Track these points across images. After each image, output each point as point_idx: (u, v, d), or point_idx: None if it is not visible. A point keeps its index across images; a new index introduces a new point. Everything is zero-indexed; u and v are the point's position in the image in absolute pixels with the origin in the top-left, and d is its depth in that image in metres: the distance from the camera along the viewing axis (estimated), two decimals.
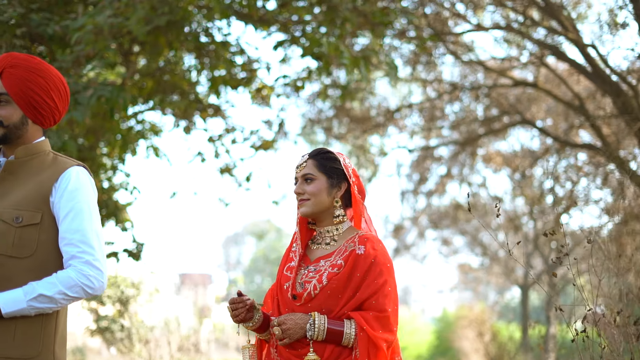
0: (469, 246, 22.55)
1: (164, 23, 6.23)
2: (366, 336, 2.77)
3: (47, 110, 2.84)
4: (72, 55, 6.35)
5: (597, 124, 9.53)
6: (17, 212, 2.69)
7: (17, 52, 6.30)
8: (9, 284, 2.65)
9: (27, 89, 2.78)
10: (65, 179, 2.76)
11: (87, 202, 2.77)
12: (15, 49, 6.22)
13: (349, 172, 3.02)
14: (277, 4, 7.16)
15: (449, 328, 22.04)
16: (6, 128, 2.77)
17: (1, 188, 2.77)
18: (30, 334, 2.66)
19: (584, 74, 9.18)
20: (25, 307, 2.61)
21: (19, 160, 2.80)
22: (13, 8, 6.15)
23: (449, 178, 16.36)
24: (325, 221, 3.03)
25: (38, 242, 2.71)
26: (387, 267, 2.88)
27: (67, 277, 2.67)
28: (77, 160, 2.88)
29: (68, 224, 2.72)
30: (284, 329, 2.81)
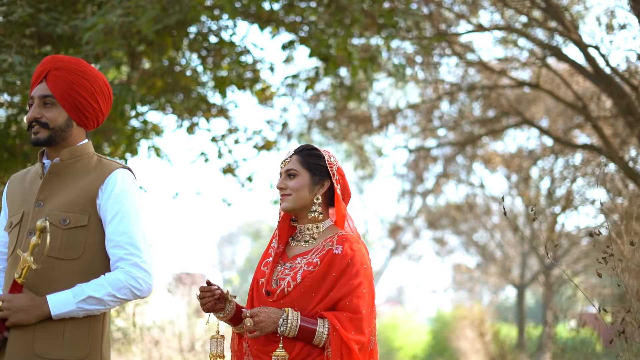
0: (464, 246, 22.60)
1: (173, 22, 6.22)
2: (339, 337, 2.74)
3: (91, 112, 2.85)
4: (81, 55, 6.34)
5: (598, 124, 9.56)
6: (64, 215, 2.70)
7: (26, 51, 6.34)
8: (56, 285, 2.65)
9: (72, 91, 2.78)
10: (112, 182, 2.77)
11: (134, 204, 2.78)
12: (25, 48, 6.21)
13: (332, 170, 3.00)
14: (284, 4, 7.16)
15: (445, 328, 22.04)
16: (51, 130, 2.77)
17: (47, 190, 2.77)
18: (78, 336, 2.67)
19: (585, 75, 9.21)
20: (74, 309, 2.62)
21: (64, 162, 2.81)
22: (22, 8, 6.13)
23: (446, 178, 16.41)
24: (305, 218, 3.00)
25: (85, 244, 2.72)
26: (364, 269, 2.85)
27: (116, 279, 2.68)
28: (122, 163, 2.90)
29: (115, 227, 2.72)
30: (257, 321, 2.78)
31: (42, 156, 2.86)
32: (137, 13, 6.02)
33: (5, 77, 5.83)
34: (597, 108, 10.36)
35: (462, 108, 12.79)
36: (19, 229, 2.75)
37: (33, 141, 2.78)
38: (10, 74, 5.84)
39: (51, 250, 2.64)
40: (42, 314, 2.60)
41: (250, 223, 39.47)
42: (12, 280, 2.68)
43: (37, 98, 2.78)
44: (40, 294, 2.64)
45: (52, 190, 2.76)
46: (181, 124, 8.81)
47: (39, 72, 2.81)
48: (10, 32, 6.22)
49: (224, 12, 6.69)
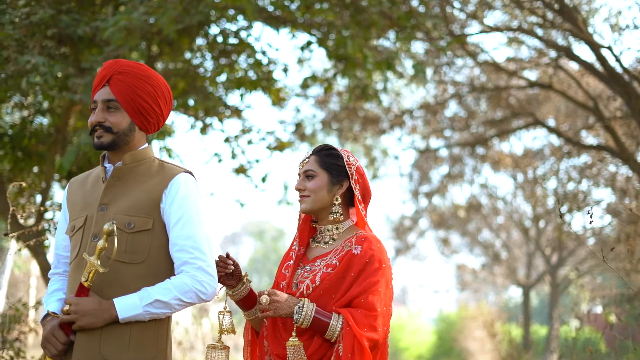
0: (468, 246, 22.58)
1: (195, 22, 6.23)
2: (351, 332, 2.72)
3: (153, 117, 2.85)
4: (102, 56, 6.36)
5: (611, 125, 9.56)
6: (129, 218, 2.71)
7: (47, 52, 6.36)
8: (121, 289, 2.66)
9: (135, 95, 2.78)
10: (175, 186, 2.77)
11: (197, 208, 2.78)
12: (46, 49, 6.23)
13: (351, 170, 2.97)
14: (301, 5, 7.17)
15: (451, 328, 22.03)
16: (115, 134, 2.77)
17: (110, 194, 2.78)
18: (144, 339, 2.68)
19: (597, 76, 9.21)
20: (140, 313, 2.63)
21: (126, 166, 2.81)
22: (44, 9, 6.15)
23: (454, 179, 16.39)
24: (325, 219, 2.99)
25: (150, 248, 2.72)
26: (382, 268, 2.83)
27: (182, 283, 2.68)
28: (183, 167, 2.89)
29: (179, 230, 2.73)
30: (272, 300, 2.78)
31: (103, 160, 2.87)
32: (159, 13, 6.04)
33: (29, 78, 5.85)
34: (608, 109, 10.36)
35: (472, 109, 12.80)
36: (83, 233, 2.75)
37: (96, 145, 2.77)
38: (33, 75, 5.85)
39: (117, 253, 2.65)
40: (109, 317, 2.61)
41: (254, 223, 39.46)
42: (77, 283, 2.69)
43: (101, 102, 2.78)
44: (105, 297, 2.65)
45: (115, 194, 2.77)
46: (194, 124, 8.82)
47: (102, 76, 2.80)
48: (31, 34, 6.24)
49: (244, 13, 6.68)
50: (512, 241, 21.20)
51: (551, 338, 17.92)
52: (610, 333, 13.29)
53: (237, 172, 9.22)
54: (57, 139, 7.61)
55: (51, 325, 2.66)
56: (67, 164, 6.55)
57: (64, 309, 2.63)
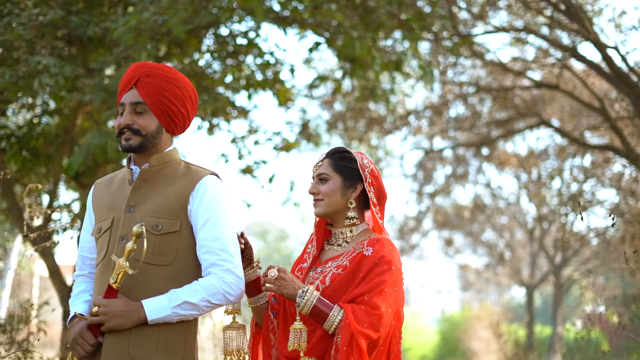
0: (471, 246, 22.58)
1: (205, 23, 6.23)
2: (349, 326, 2.69)
3: (180, 119, 2.85)
4: (112, 56, 6.36)
5: (617, 125, 9.56)
6: (157, 220, 2.71)
7: (57, 53, 6.36)
8: (149, 291, 2.67)
9: (163, 98, 2.78)
10: (202, 188, 2.77)
11: (224, 210, 2.79)
12: (56, 50, 6.24)
13: (364, 173, 2.95)
14: (310, 6, 7.17)
15: (454, 328, 22.02)
16: (143, 137, 2.77)
17: (137, 196, 2.78)
18: (172, 341, 2.68)
19: (604, 76, 9.21)
20: (169, 314, 2.64)
21: (153, 168, 2.81)
22: (54, 10, 6.15)
23: (460, 179, 16.39)
24: (339, 222, 2.98)
25: (177, 250, 2.72)
26: (392, 270, 2.80)
27: (210, 285, 2.69)
28: (209, 169, 2.89)
29: (207, 232, 2.73)
30: (280, 276, 2.78)
31: (129, 162, 2.87)
32: (169, 13, 6.04)
33: (40, 78, 5.86)
34: (614, 109, 10.36)
35: (478, 109, 12.80)
36: (110, 235, 2.75)
37: (125, 147, 2.77)
38: (44, 76, 5.86)
39: (145, 255, 2.64)
40: (138, 319, 2.61)
41: (257, 223, 39.39)
42: (105, 285, 2.69)
43: (129, 104, 2.78)
44: (133, 299, 2.65)
45: (142, 196, 2.77)
46: (201, 125, 8.82)
47: (129, 79, 2.80)
48: (41, 34, 6.24)
49: (253, 14, 6.69)
50: (515, 241, 21.19)
51: (555, 338, 17.93)
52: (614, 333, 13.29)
53: (244, 173, 9.22)
54: (65, 140, 7.62)
55: (79, 326, 2.67)
56: (75, 164, 6.56)
57: (93, 310, 2.64)
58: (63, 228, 8.08)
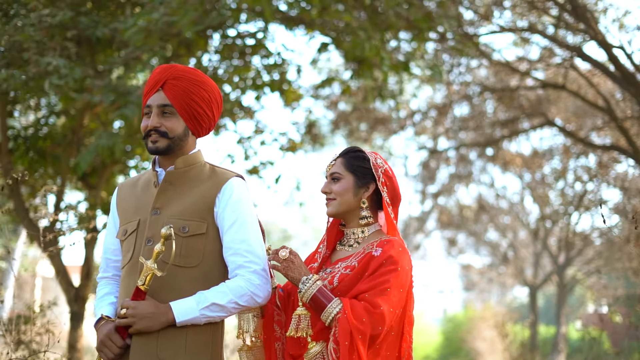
0: (474, 246, 22.57)
1: (216, 23, 6.23)
2: (346, 320, 2.66)
3: (206, 122, 2.85)
4: (122, 57, 6.36)
5: (623, 125, 9.56)
6: (183, 222, 2.70)
7: (67, 54, 6.36)
8: (176, 293, 2.67)
9: (190, 101, 2.78)
10: (228, 190, 2.77)
11: (250, 212, 2.79)
12: (66, 51, 6.23)
13: (378, 172, 2.92)
14: (318, 7, 7.16)
15: (458, 328, 22.02)
16: (171, 139, 2.77)
17: (163, 198, 2.78)
18: (200, 342, 2.68)
19: (609, 76, 9.21)
20: (197, 316, 2.63)
21: (178, 170, 2.81)
22: (63, 12, 6.15)
23: (464, 179, 16.39)
24: (352, 222, 2.96)
25: (204, 252, 2.72)
26: (397, 271, 2.75)
27: (238, 286, 2.69)
28: (235, 171, 2.89)
29: (233, 234, 2.73)
30: (290, 258, 2.78)
31: (154, 164, 2.87)
32: (179, 14, 6.04)
33: (51, 79, 5.86)
34: (619, 108, 10.36)
35: (482, 109, 12.80)
36: (136, 237, 2.75)
37: (151, 149, 2.77)
38: (55, 77, 5.86)
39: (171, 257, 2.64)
40: (166, 321, 2.61)
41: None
42: (131, 287, 2.69)
43: (156, 107, 2.77)
44: (160, 301, 2.65)
45: (168, 198, 2.77)
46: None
47: (156, 81, 2.79)
48: (50, 36, 6.24)
49: (262, 14, 6.68)
50: (518, 241, 21.18)
51: (559, 338, 17.92)
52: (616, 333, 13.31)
53: (250, 173, 9.21)
54: (72, 141, 7.62)
55: (107, 329, 2.67)
56: (84, 164, 6.56)
57: (121, 312, 2.63)
58: (70, 229, 8.10)
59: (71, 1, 6.54)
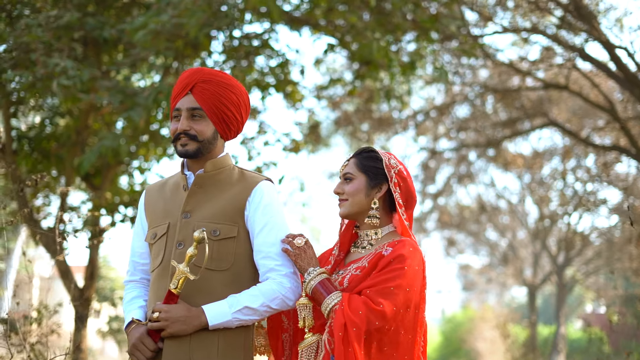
0: (473, 246, 22.59)
1: (225, 25, 6.23)
2: (341, 312, 2.63)
3: (235, 125, 2.85)
4: (129, 59, 6.36)
5: (626, 126, 9.58)
6: (214, 226, 2.70)
7: (76, 55, 6.36)
8: (208, 296, 2.66)
9: (220, 104, 2.78)
10: (259, 193, 2.77)
11: (281, 215, 2.79)
12: (73, 52, 6.22)
13: (390, 173, 2.87)
14: (324, 8, 7.16)
15: (457, 328, 22.00)
16: (200, 143, 2.76)
17: (192, 201, 2.78)
18: (232, 345, 2.68)
19: (612, 76, 9.22)
20: (230, 319, 2.64)
21: (207, 174, 2.81)
22: (70, 13, 6.14)
23: (466, 180, 16.40)
24: (365, 224, 2.90)
25: (235, 256, 2.72)
26: (404, 269, 2.68)
27: (270, 290, 2.69)
28: (264, 175, 2.89)
29: (264, 238, 2.73)
30: (304, 248, 2.76)
31: (183, 167, 2.86)
32: (187, 15, 6.03)
33: (59, 80, 5.85)
34: (622, 109, 10.38)
35: (484, 110, 12.81)
36: (166, 240, 2.75)
37: (181, 153, 2.76)
38: (62, 78, 5.85)
39: (202, 260, 2.64)
40: (199, 324, 2.61)
41: None
42: (162, 290, 2.69)
43: (186, 110, 2.77)
44: (192, 304, 2.65)
45: (197, 202, 2.76)
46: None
47: (185, 84, 2.79)
48: (57, 37, 6.23)
49: (270, 16, 6.68)
50: (517, 241, 21.22)
51: (558, 338, 17.97)
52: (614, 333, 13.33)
53: None
54: (77, 141, 7.61)
55: (139, 332, 2.66)
56: (87, 164, 6.54)
57: (153, 316, 2.62)
58: (75, 230, 8.09)
59: (78, 2, 6.54)
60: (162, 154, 8.05)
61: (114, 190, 8.12)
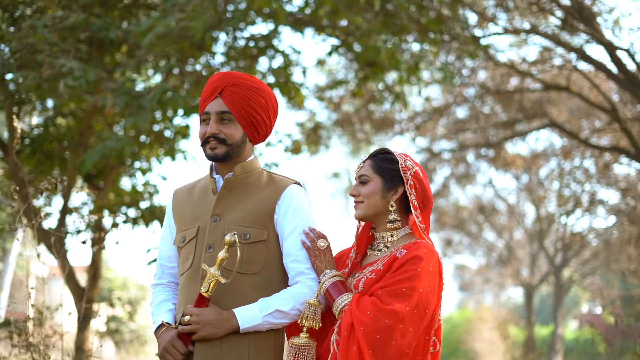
0: (470, 247, 22.61)
1: (233, 26, 6.23)
2: (349, 312, 2.63)
3: (263, 129, 2.85)
4: (134, 60, 6.36)
5: (627, 126, 9.61)
6: (244, 229, 2.71)
7: (81, 56, 6.35)
8: (238, 300, 2.67)
9: (249, 108, 2.78)
10: (288, 197, 2.78)
11: (310, 219, 2.80)
12: (80, 53, 6.22)
13: (406, 175, 2.85)
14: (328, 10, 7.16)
15: (455, 329, 22.01)
16: (229, 146, 2.77)
17: (222, 205, 2.78)
18: (263, 349, 2.69)
19: (612, 77, 9.25)
20: (261, 323, 2.64)
21: (236, 177, 2.81)
22: (76, 14, 6.14)
23: (465, 180, 16.43)
24: (381, 226, 2.88)
25: (265, 259, 2.73)
26: (417, 271, 2.66)
27: (300, 293, 2.71)
28: (292, 178, 2.90)
29: (294, 241, 2.74)
30: (324, 251, 2.76)
31: (211, 171, 2.87)
32: (193, 17, 6.03)
33: (66, 81, 5.84)
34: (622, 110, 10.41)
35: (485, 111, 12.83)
36: (196, 244, 2.75)
37: (210, 156, 2.77)
38: (69, 78, 5.85)
39: (233, 264, 2.65)
40: (230, 327, 2.61)
41: None
42: (192, 294, 2.69)
43: (215, 114, 2.77)
44: (222, 307, 2.65)
45: (227, 205, 2.77)
46: None
47: (214, 88, 2.79)
48: (63, 37, 6.23)
49: (275, 17, 6.69)
50: (515, 241, 21.26)
51: (556, 338, 18.01)
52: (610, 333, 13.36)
53: None
54: (80, 142, 7.60)
55: (170, 335, 2.67)
56: (89, 162, 6.52)
57: (185, 319, 2.63)
58: (77, 231, 8.07)
59: (83, 2, 6.53)
60: (167, 152, 8.04)
61: (116, 191, 8.12)
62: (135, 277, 18.13)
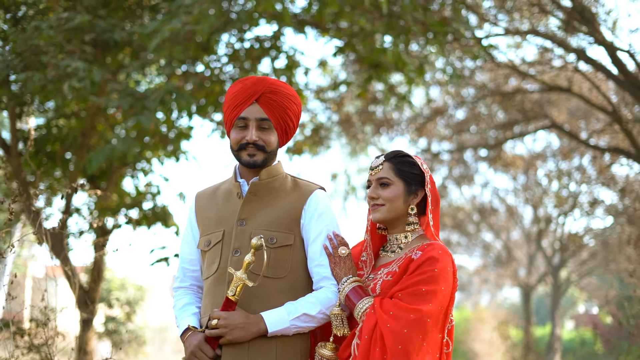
0: (467, 247, 22.62)
1: (238, 28, 6.24)
2: (374, 315, 2.63)
3: (291, 134, 2.87)
4: (140, 61, 6.35)
5: (628, 127, 9.63)
6: (271, 233, 2.71)
7: (86, 57, 6.34)
8: (265, 303, 2.68)
9: (285, 115, 2.79)
10: (314, 202, 2.79)
11: (335, 223, 2.81)
12: (85, 54, 6.21)
13: (426, 179, 2.86)
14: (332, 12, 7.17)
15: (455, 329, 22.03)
16: (268, 153, 2.79)
17: (247, 209, 2.79)
18: (290, 352, 2.70)
19: (613, 79, 9.27)
20: (288, 326, 2.65)
21: (262, 182, 2.82)
22: (81, 15, 6.13)
23: (465, 181, 16.44)
24: (397, 228, 2.88)
25: (291, 263, 2.74)
26: (434, 271, 2.67)
27: (326, 297, 2.71)
28: (317, 183, 2.90)
29: (319, 246, 2.75)
30: (343, 258, 2.76)
31: (235, 175, 2.87)
32: (199, 20, 6.02)
33: (71, 82, 5.84)
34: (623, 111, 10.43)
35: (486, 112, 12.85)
36: (221, 247, 2.75)
37: (249, 163, 2.77)
38: (74, 80, 5.84)
39: (260, 268, 2.65)
40: (257, 331, 2.62)
41: None
42: (219, 298, 2.70)
43: (254, 120, 2.77)
44: (249, 311, 2.66)
45: (252, 210, 2.77)
46: (216, 128, 8.77)
47: (250, 93, 2.77)
48: (68, 39, 6.22)
49: (280, 19, 6.70)
50: (512, 242, 21.28)
51: (554, 338, 18.04)
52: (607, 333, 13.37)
53: None
54: (83, 143, 7.60)
55: (197, 339, 2.67)
56: (95, 163, 6.51)
57: (212, 323, 2.63)
58: (80, 231, 8.07)
59: (88, 4, 6.53)
60: (171, 153, 8.04)
61: (119, 192, 8.11)
62: (134, 278, 18.10)
